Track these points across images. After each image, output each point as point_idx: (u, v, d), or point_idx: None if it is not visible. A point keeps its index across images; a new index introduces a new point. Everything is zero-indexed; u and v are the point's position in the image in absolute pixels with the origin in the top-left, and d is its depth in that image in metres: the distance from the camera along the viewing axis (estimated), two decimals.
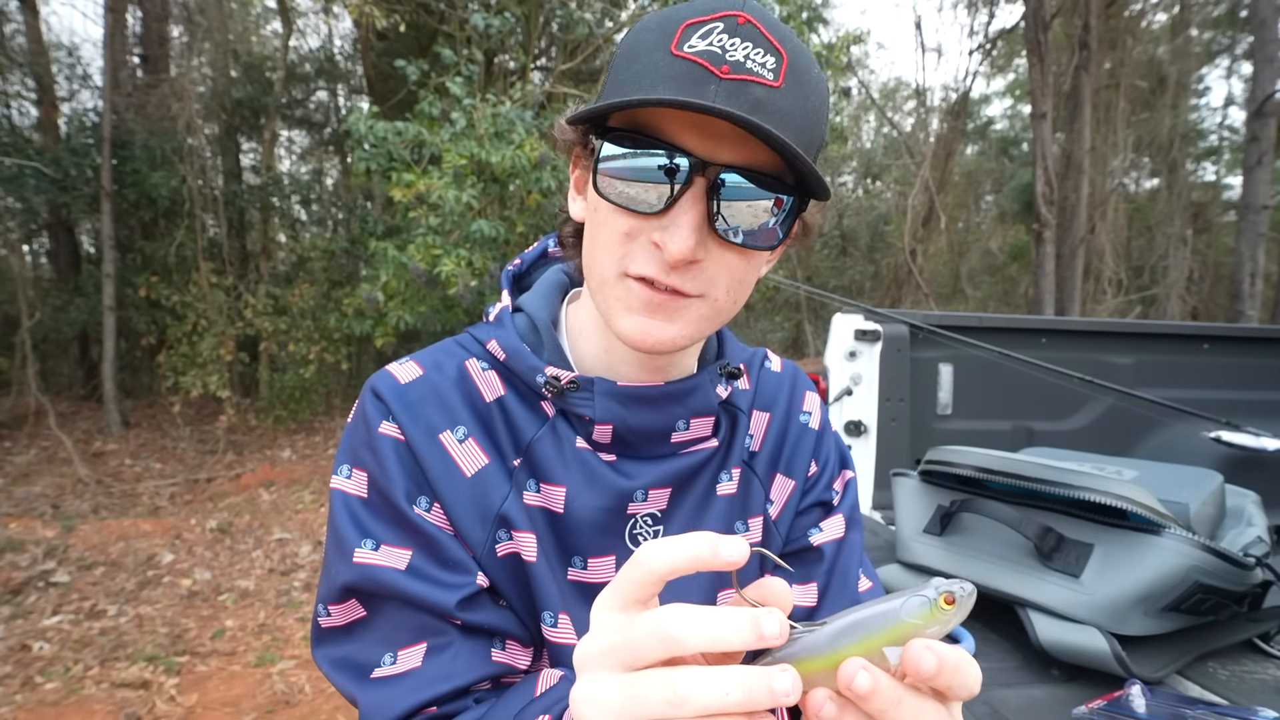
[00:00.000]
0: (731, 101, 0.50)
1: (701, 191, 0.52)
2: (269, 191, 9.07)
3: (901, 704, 0.34)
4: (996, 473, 1.26)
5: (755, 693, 0.32)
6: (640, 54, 0.53)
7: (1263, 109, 6.54)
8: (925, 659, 0.34)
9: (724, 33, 0.51)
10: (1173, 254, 12.41)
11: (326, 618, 0.58)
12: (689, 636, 0.34)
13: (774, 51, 0.52)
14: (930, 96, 15.64)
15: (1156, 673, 1.03)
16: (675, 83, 0.50)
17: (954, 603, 0.34)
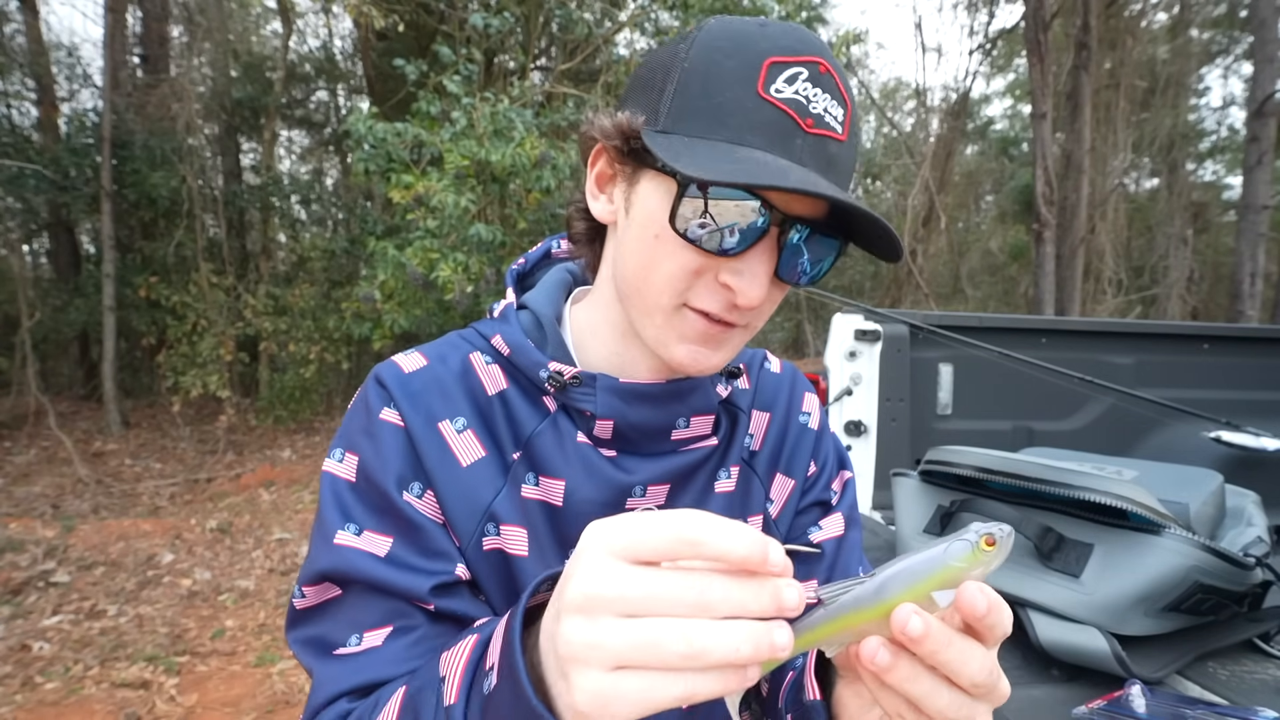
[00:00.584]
0: (813, 158, 0.52)
1: (774, 241, 0.54)
2: (269, 191, 9.07)
3: (951, 645, 0.37)
4: (996, 473, 1.26)
5: (760, 646, 0.33)
6: (722, 85, 0.52)
7: (1263, 109, 6.54)
8: (978, 600, 0.36)
9: (808, 80, 0.52)
10: (1173, 254, 12.41)
11: (300, 599, 0.58)
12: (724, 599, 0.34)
13: (843, 103, 0.54)
14: (930, 96, 15.66)
15: (1156, 673, 1.03)
16: (765, 132, 0.51)
17: (994, 544, 0.36)
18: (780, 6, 6.41)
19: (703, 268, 0.54)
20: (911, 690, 0.38)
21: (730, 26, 0.54)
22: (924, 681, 0.38)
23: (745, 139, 0.51)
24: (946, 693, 0.38)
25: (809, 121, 0.52)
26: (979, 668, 0.38)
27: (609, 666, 0.34)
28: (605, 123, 0.57)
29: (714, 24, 0.55)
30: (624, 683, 0.34)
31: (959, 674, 0.37)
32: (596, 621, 0.34)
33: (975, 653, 0.38)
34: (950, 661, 0.37)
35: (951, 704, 0.38)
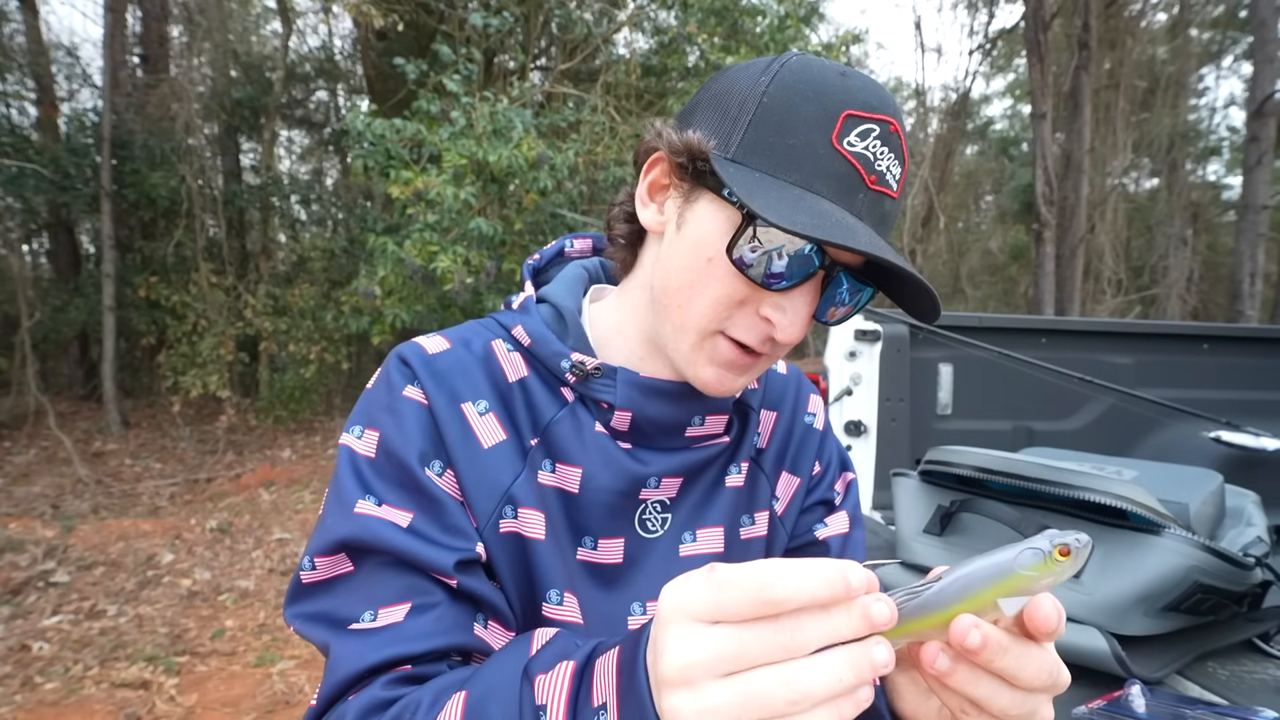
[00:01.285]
0: (870, 214, 0.54)
1: (818, 283, 0.56)
2: (269, 191, 9.07)
3: (1008, 653, 0.38)
4: (996, 473, 1.26)
5: (863, 672, 0.33)
6: (799, 128, 0.53)
7: (1263, 109, 6.54)
8: (1050, 615, 0.38)
9: (879, 139, 0.54)
10: (1172, 254, 12.41)
11: (310, 571, 0.57)
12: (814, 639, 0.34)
13: (903, 163, 0.56)
14: (930, 96, 15.66)
15: (1156, 673, 1.03)
16: (833, 183, 0.53)
17: (1069, 554, 0.35)
18: (780, 6, 6.41)
19: (747, 299, 0.56)
20: (972, 693, 0.39)
21: (812, 69, 0.55)
22: (984, 685, 0.39)
23: (814, 185, 0.53)
24: (1007, 694, 0.39)
25: (872, 178, 0.54)
26: (1037, 671, 0.39)
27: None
28: (674, 137, 0.58)
29: (796, 63, 0.56)
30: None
31: (1017, 678, 0.38)
32: (699, 691, 0.34)
33: (1033, 657, 0.39)
34: (1008, 669, 0.38)
35: (1013, 703, 0.39)
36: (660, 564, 0.64)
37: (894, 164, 0.55)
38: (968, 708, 0.40)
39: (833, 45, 7.10)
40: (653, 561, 0.64)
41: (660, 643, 0.36)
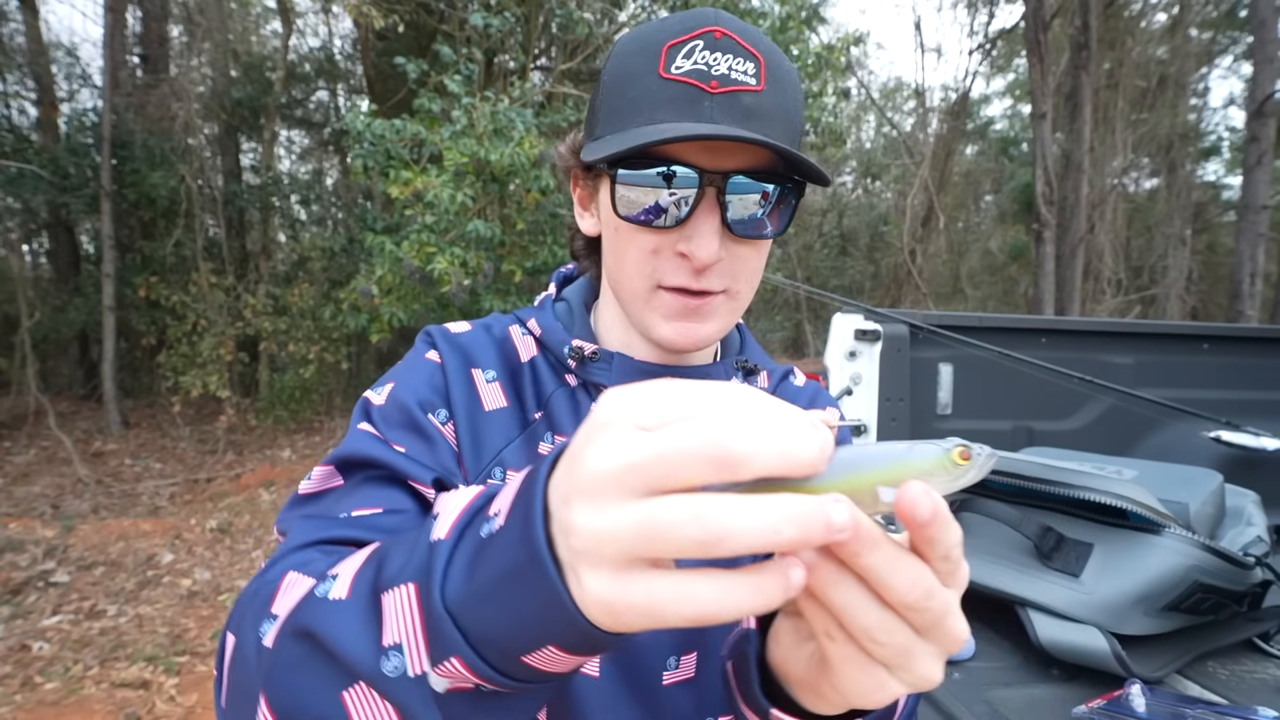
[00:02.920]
0: (727, 115, 0.56)
1: (713, 199, 0.58)
2: (269, 191, 9.07)
3: (878, 548, 0.31)
4: (996, 472, 1.26)
5: (811, 529, 0.27)
6: (631, 81, 0.58)
7: (1263, 109, 6.55)
8: (922, 501, 0.30)
9: (705, 49, 0.56)
10: (1172, 254, 12.42)
11: (306, 484, 0.60)
12: (758, 452, 0.27)
13: (751, 57, 0.57)
14: (930, 96, 15.66)
15: (1156, 672, 1.03)
16: (673, 106, 0.56)
17: (968, 459, 0.31)
18: (781, 7, 6.41)
19: (659, 245, 0.59)
20: (833, 598, 0.32)
21: (637, 30, 0.61)
22: (847, 590, 0.32)
23: (655, 118, 0.56)
24: (875, 610, 0.32)
25: (714, 83, 0.56)
26: (910, 583, 0.31)
27: (618, 564, 0.29)
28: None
29: (625, 34, 0.62)
30: (633, 587, 0.29)
31: (885, 585, 0.31)
32: (602, 508, 0.29)
33: (908, 566, 0.31)
34: (874, 568, 0.31)
35: (880, 625, 0.32)
36: None
37: (738, 61, 0.56)
38: (832, 627, 0.34)
39: (834, 46, 7.10)
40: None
41: (584, 447, 0.31)
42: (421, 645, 0.36)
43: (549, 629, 0.33)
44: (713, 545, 0.27)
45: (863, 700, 0.35)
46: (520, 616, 0.33)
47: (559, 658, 0.34)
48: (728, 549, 0.27)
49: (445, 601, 0.36)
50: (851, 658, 0.34)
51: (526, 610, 0.33)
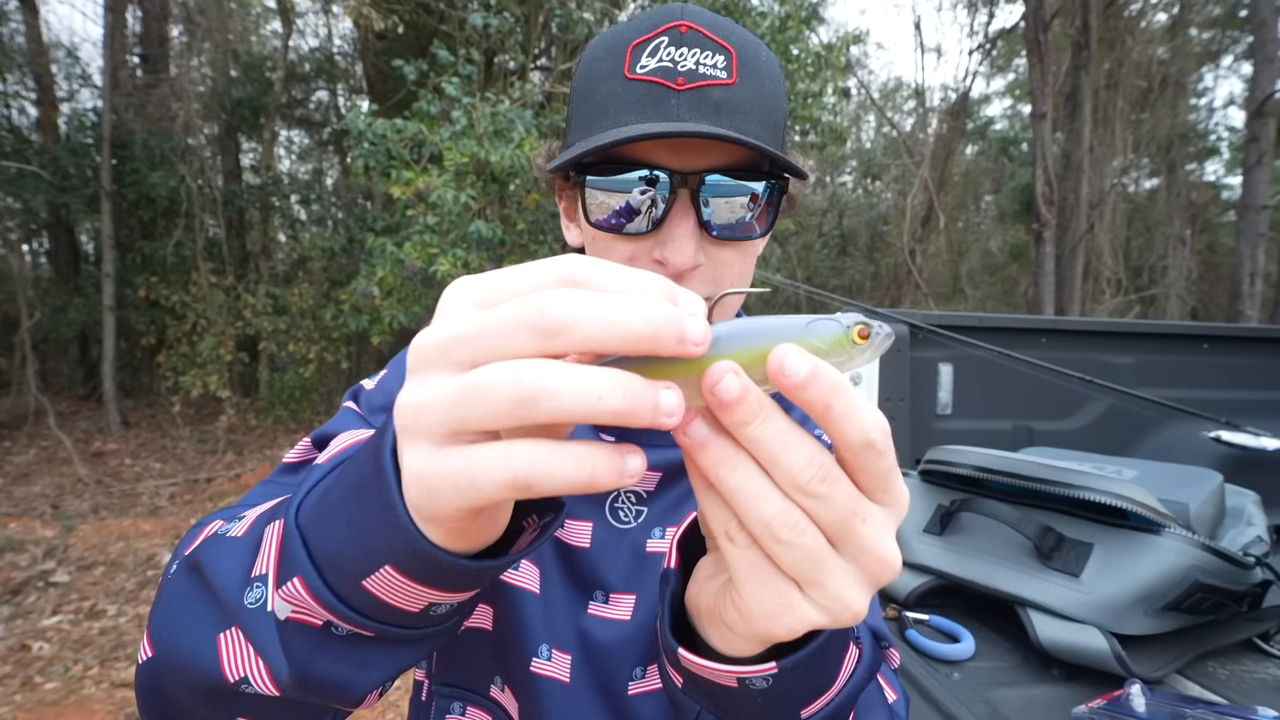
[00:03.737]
0: (694, 111, 0.53)
1: (688, 201, 0.55)
2: (269, 191, 9.07)
3: (769, 421, 0.28)
4: (996, 472, 1.26)
5: (637, 403, 0.25)
6: (597, 84, 0.56)
7: (1263, 109, 6.54)
8: (792, 360, 0.27)
9: (670, 45, 0.54)
10: (1172, 254, 12.41)
11: (290, 454, 0.60)
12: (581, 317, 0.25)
13: (721, 50, 0.55)
14: (930, 96, 15.66)
15: (1156, 672, 1.03)
16: (638, 106, 0.54)
17: (867, 338, 0.29)
18: (780, 6, 6.41)
19: (635, 253, 0.57)
20: (727, 481, 0.29)
21: (606, 32, 0.59)
22: (743, 472, 0.29)
23: (621, 120, 0.54)
24: (775, 499, 0.29)
25: (680, 80, 0.53)
26: (805, 461, 0.28)
27: (439, 437, 0.27)
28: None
29: (594, 40, 0.60)
30: (450, 458, 0.27)
31: (775, 463, 0.28)
32: (428, 380, 0.28)
33: (803, 441, 0.28)
34: (761, 440, 0.28)
35: (782, 517, 0.28)
36: (627, 555, 0.63)
37: (705, 55, 0.54)
38: (732, 525, 0.30)
39: (833, 46, 7.10)
40: (623, 551, 0.63)
41: (421, 333, 0.30)
42: (274, 568, 0.35)
43: (384, 538, 0.31)
44: (529, 404, 0.25)
45: (768, 624, 0.30)
46: (361, 527, 0.32)
47: (401, 585, 0.32)
48: (545, 409, 0.25)
49: (298, 518, 0.35)
50: (755, 564, 0.30)
51: (366, 519, 0.32)
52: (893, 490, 0.30)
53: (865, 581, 0.30)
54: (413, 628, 0.36)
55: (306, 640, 0.35)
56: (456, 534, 0.31)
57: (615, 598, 0.61)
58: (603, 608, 0.61)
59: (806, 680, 0.38)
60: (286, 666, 0.35)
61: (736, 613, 0.32)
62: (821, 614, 0.30)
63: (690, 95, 0.53)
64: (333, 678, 0.35)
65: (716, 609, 0.35)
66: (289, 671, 0.35)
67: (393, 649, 0.36)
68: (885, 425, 0.29)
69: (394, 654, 0.36)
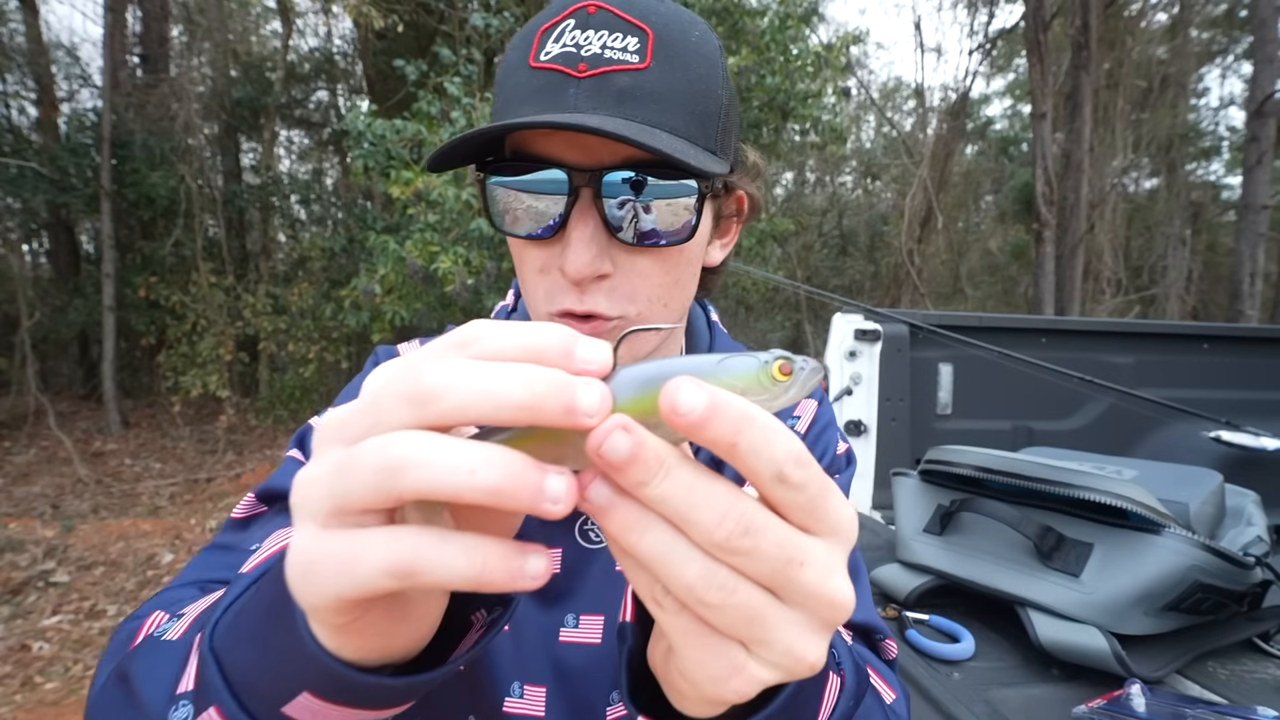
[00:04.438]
0: (593, 100, 0.48)
1: (589, 201, 0.50)
2: (269, 191, 9.07)
3: (672, 475, 0.24)
4: (996, 472, 1.26)
5: (515, 483, 0.23)
6: (507, 76, 0.53)
7: (1263, 109, 6.54)
8: (685, 395, 0.23)
9: (576, 29, 0.49)
10: (1172, 254, 12.42)
11: (238, 508, 0.57)
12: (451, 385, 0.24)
13: (635, 31, 0.49)
14: (930, 96, 15.66)
15: (1156, 672, 1.03)
16: (537, 98, 0.49)
17: (789, 374, 0.26)
18: (780, 6, 6.41)
19: (545, 262, 0.53)
20: (640, 548, 0.25)
21: (528, 22, 0.54)
22: (654, 535, 0.25)
23: (519, 113, 0.50)
24: (696, 560, 0.25)
25: (581, 67, 0.49)
26: (719, 516, 0.24)
27: (323, 516, 0.25)
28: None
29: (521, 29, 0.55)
30: (331, 542, 0.25)
31: (687, 520, 0.25)
32: (324, 455, 0.26)
33: (714, 492, 0.25)
34: (665, 498, 0.24)
35: (707, 579, 0.25)
36: (601, 575, 0.59)
37: (614, 38, 0.49)
38: (657, 590, 0.27)
39: (833, 45, 7.10)
40: (594, 572, 0.59)
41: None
42: (194, 691, 0.33)
43: (297, 663, 0.29)
44: (394, 474, 0.23)
45: (715, 689, 0.27)
46: (273, 652, 0.30)
47: (324, 710, 0.30)
48: (412, 483, 0.23)
49: (213, 640, 0.33)
50: (691, 630, 0.26)
51: (277, 643, 0.30)
52: (828, 519, 0.26)
53: (816, 628, 0.27)
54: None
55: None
56: (352, 634, 0.28)
57: (585, 619, 0.58)
58: (574, 632, 0.58)
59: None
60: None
61: (681, 679, 0.29)
62: (772, 671, 0.27)
63: (591, 83, 0.48)
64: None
65: (667, 675, 0.32)
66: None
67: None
68: (799, 450, 0.25)
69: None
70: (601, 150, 0.49)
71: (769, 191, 10.56)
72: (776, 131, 7.26)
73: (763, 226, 6.88)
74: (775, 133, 7.24)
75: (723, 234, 0.63)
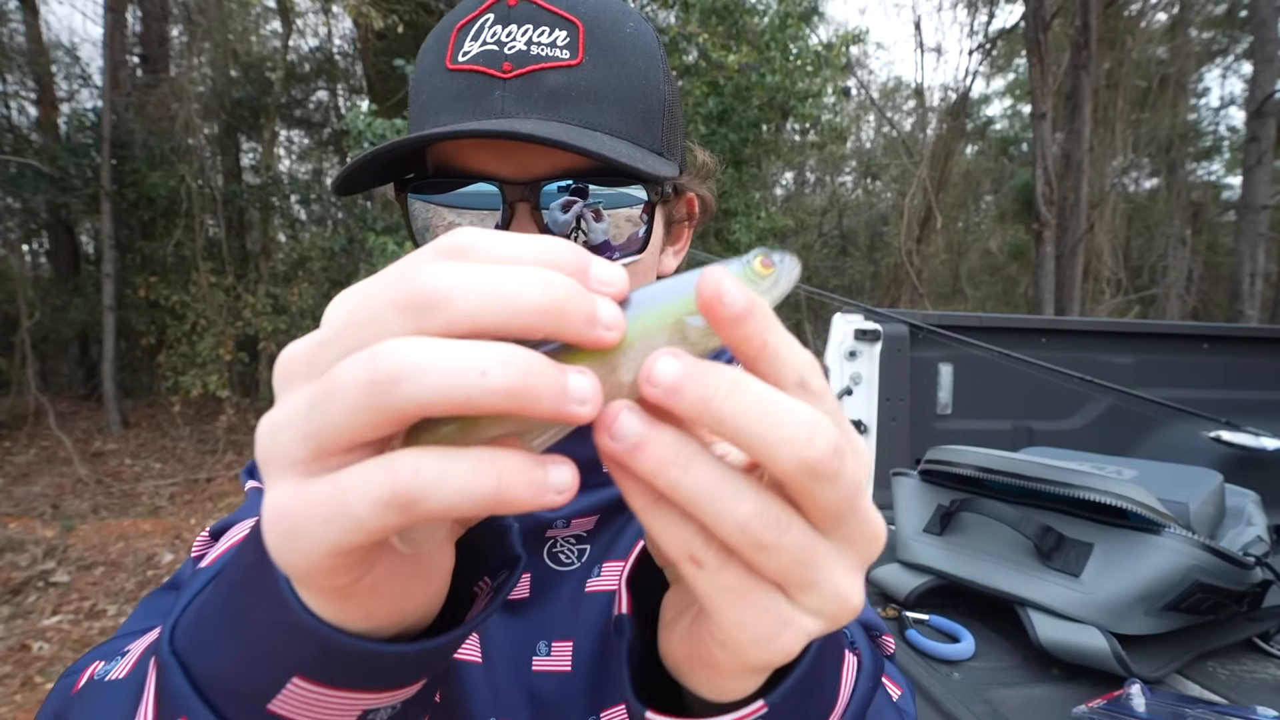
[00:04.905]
0: (522, 103, 0.44)
1: (527, 217, 0.45)
2: (268, 191, 9.07)
3: (742, 388, 0.21)
4: (996, 472, 1.26)
5: (535, 381, 0.20)
6: (422, 80, 0.48)
7: (1263, 109, 6.54)
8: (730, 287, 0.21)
9: (496, 23, 0.45)
10: (1172, 254, 12.42)
11: (194, 548, 0.55)
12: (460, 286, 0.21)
13: (563, 24, 0.45)
14: (930, 96, 15.67)
15: (1156, 672, 1.03)
16: (457, 104, 0.45)
17: (771, 268, 0.25)
18: (780, 5, 6.41)
19: None
20: (686, 486, 0.22)
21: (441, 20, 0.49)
22: (701, 468, 0.22)
23: (439, 121, 0.45)
24: (750, 495, 0.22)
25: (507, 65, 0.44)
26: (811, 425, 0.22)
27: (300, 463, 0.22)
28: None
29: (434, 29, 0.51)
30: (314, 488, 0.21)
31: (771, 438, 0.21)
32: (286, 398, 0.23)
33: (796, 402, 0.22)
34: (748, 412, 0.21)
35: (762, 515, 0.22)
36: (570, 598, 0.57)
37: (540, 32, 0.44)
38: (697, 544, 0.23)
39: (832, 45, 7.10)
40: (562, 595, 0.57)
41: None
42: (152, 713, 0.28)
43: (283, 641, 0.25)
44: (387, 387, 0.19)
45: (760, 651, 0.24)
46: (251, 634, 0.26)
47: (319, 697, 0.25)
48: (411, 394, 0.19)
49: (174, 641, 0.28)
50: (734, 587, 0.23)
51: (255, 622, 0.25)
52: (850, 436, 0.24)
53: (858, 565, 0.25)
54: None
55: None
56: (354, 599, 0.24)
57: (556, 647, 0.56)
58: (546, 661, 0.56)
59: (805, 708, 0.32)
60: None
61: (720, 648, 0.26)
62: (817, 619, 0.24)
63: (518, 84, 0.44)
64: None
65: (695, 652, 0.28)
66: None
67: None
68: (813, 358, 0.24)
69: None
70: (536, 159, 0.45)
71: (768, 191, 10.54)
72: (776, 130, 7.26)
73: (763, 224, 6.88)
74: (775, 132, 7.25)
75: (675, 240, 0.60)
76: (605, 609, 0.56)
